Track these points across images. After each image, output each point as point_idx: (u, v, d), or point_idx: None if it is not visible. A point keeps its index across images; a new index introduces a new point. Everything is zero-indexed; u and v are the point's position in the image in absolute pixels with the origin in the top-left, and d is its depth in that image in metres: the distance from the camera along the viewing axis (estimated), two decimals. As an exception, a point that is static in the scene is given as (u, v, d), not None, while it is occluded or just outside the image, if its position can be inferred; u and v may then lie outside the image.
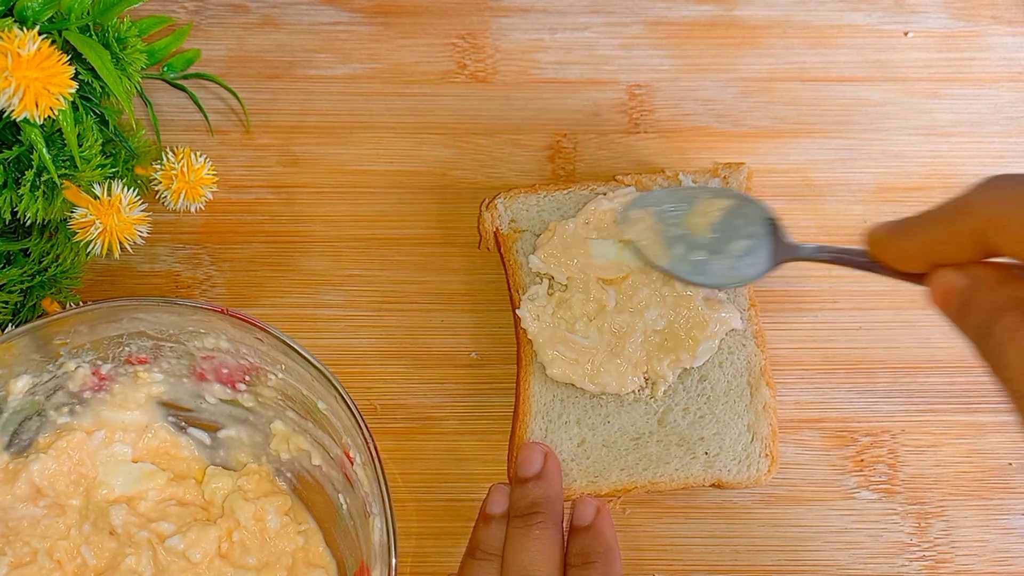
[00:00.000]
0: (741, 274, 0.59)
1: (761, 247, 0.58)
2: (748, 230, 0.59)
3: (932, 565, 0.61)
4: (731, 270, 0.58)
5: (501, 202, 0.65)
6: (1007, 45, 0.73)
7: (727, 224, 0.59)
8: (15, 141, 0.56)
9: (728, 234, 0.59)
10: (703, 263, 0.59)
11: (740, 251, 0.59)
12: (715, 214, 0.60)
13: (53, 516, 0.57)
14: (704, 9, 0.74)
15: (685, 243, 0.59)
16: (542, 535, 0.52)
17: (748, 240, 0.59)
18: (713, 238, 0.59)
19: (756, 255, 0.58)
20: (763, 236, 0.58)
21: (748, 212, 0.59)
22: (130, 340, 0.57)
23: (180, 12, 0.73)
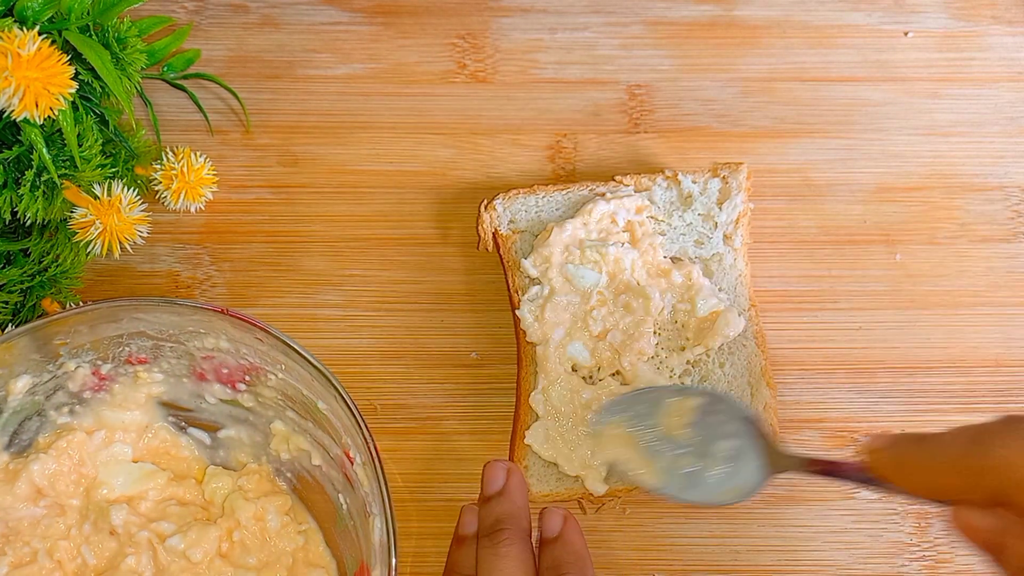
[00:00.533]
0: (737, 488, 0.54)
1: (748, 448, 0.54)
2: (729, 428, 0.55)
3: (932, 565, 0.61)
4: (726, 479, 0.54)
5: (500, 203, 0.65)
6: (1007, 45, 0.73)
7: (703, 424, 0.55)
8: (15, 141, 0.56)
9: (708, 433, 0.55)
10: (694, 475, 0.54)
11: (727, 454, 0.54)
12: (688, 414, 0.56)
13: (53, 516, 0.57)
14: (704, 9, 0.74)
15: (666, 453, 0.55)
16: (509, 551, 0.52)
17: (731, 440, 0.54)
18: (693, 440, 0.55)
19: (746, 459, 0.54)
20: (747, 436, 0.54)
21: (723, 409, 0.56)
22: (130, 340, 0.57)
23: (180, 12, 0.73)
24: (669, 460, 0.55)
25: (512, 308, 0.63)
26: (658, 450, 0.55)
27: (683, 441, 0.55)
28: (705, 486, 0.54)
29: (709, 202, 0.65)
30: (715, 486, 0.54)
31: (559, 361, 0.61)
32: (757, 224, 0.67)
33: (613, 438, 0.57)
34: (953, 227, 0.68)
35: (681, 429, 0.55)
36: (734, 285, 0.64)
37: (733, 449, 0.54)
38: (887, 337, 0.66)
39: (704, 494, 0.54)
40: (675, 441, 0.55)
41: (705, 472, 0.54)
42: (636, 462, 0.56)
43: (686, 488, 0.54)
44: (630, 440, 0.56)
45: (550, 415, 0.60)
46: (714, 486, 0.54)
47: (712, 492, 0.54)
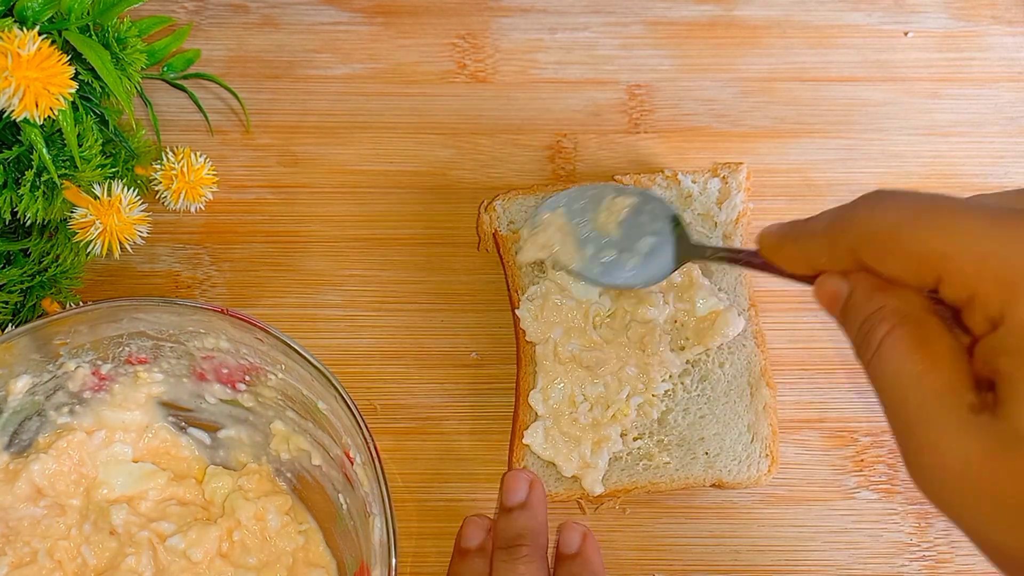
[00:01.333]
0: (648, 274, 0.59)
1: (666, 245, 0.59)
2: (653, 227, 0.60)
3: (932, 565, 0.61)
4: (639, 269, 0.59)
5: (500, 204, 0.65)
6: (1007, 45, 0.73)
7: (634, 222, 0.60)
8: (15, 141, 0.56)
9: (635, 232, 0.60)
10: (613, 263, 0.60)
11: (646, 248, 0.59)
12: (621, 212, 0.60)
13: (53, 516, 0.57)
14: (704, 9, 0.74)
15: (594, 243, 0.60)
16: (528, 569, 0.51)
17: (654, 237, 0.59)
18: (620, 236, 0.60)
19: (662, 253, 0.59)
20: (668, 234, 0.59)
21: (654, 209, 0.60)
22: (130, 340, 0.57)
23: (180, 12, 0.73)
24: (595, 249, 0.60)
25: (512, 308, 0.63)
26: (588, 240, 0.60)
27: (613, 235, 0.60)
28: (622, 272, 0.60)
29: (709, 202, 0.65)
30: (630, 273, 0.60)
31: (558, 360, 0.61)
32: (757, 224, 0.66)
33: (551, 225, 0.61)
34: (953, 227, 0.68)
35: (613, 225, 0.60)
36: (734, 285, 0.64)
37: (654, 244, 0.59)
38: (887, 337, 0.65)
39: (619, 279, 0.60)
40: (606, 234, 0.60)
41: (624, 263, 0.60)
42: (567, 249, 0.61)
43: (605, 274, 0.60)
44: (566, 229, 0.61)
45: (549, 414, 0.60)
46: (629, 273, 0.60)
47: (626, 277, 0.60)
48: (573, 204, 0.61)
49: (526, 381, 0.61)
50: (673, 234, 0.59)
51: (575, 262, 0.60)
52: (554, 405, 0.61)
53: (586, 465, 0.60)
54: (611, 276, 0.60)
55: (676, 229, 0.59)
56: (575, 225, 0.61)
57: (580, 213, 0.61)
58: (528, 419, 0.61)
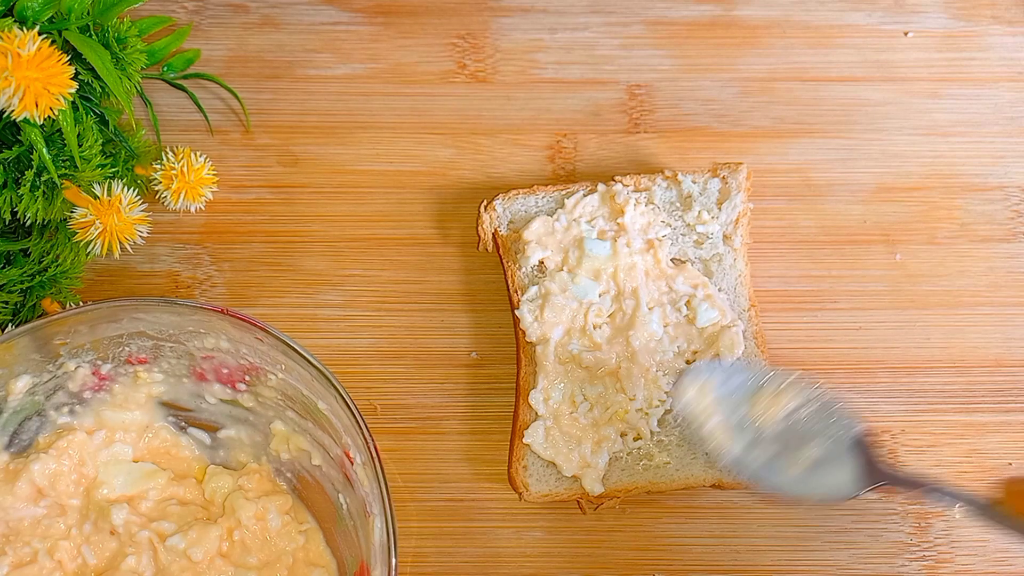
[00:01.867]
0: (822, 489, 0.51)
1: (841, 461, 0.51)
2: (826, 434, 0.52)
3: (932, 565, 0.61)
4: (803, 479, 0.52)
5: (500, 203, 0.65)
6: (1007, 45, 0.73)
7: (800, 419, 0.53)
8: (15, 141, 0.56)
9: (800, 433, 0.53)
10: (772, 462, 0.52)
11: (812, 459, 0.52)
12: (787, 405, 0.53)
13: (54, 516, 0.57)
14: (704, 9, 0.74)
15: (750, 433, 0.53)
16: None
17: (823, 448, 0.52)
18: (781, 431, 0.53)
19: (834, 468, 0.51)
20: (844, 449, 0.52)
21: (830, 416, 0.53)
22: (130, 340, 0.57)
23: (180, 12, 0.73)
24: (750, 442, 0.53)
25: (512, 308, 0.63)
26: (743, 425, 0.53)
27: (771, 431, 0.53)
28: (783, 475, 0.52)
29: (709, 202, 0.65)
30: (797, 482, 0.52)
31: (558, 360, 0.61)
32: (757, 224, 0.67)
33: (701, 400, 0.54)
34: (953, 227, 0.68)
35: (773, 419, 0.53)
36: (734, 285, 0.64)
37: (822, 458, 0.52)
38: (887, 337, 0.65)
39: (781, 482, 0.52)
40: (763, 428, 0.53)
41: (787, 467, 0.52)
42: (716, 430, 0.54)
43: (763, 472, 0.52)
44: (713, 405, 0.54)
45: (549, 414, 0.60)
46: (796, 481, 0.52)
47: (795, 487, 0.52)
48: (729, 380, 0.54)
49: (526, 381, 0.61)
50: (852, 451, 0.52)
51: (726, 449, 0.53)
52: (554, 405, 0.61)
53: (586, 465, 0.60)
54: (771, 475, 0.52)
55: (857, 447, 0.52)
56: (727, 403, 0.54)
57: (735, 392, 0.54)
58: (528, 419, 0.61)
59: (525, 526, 0.61)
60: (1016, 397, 0.64)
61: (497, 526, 0.61)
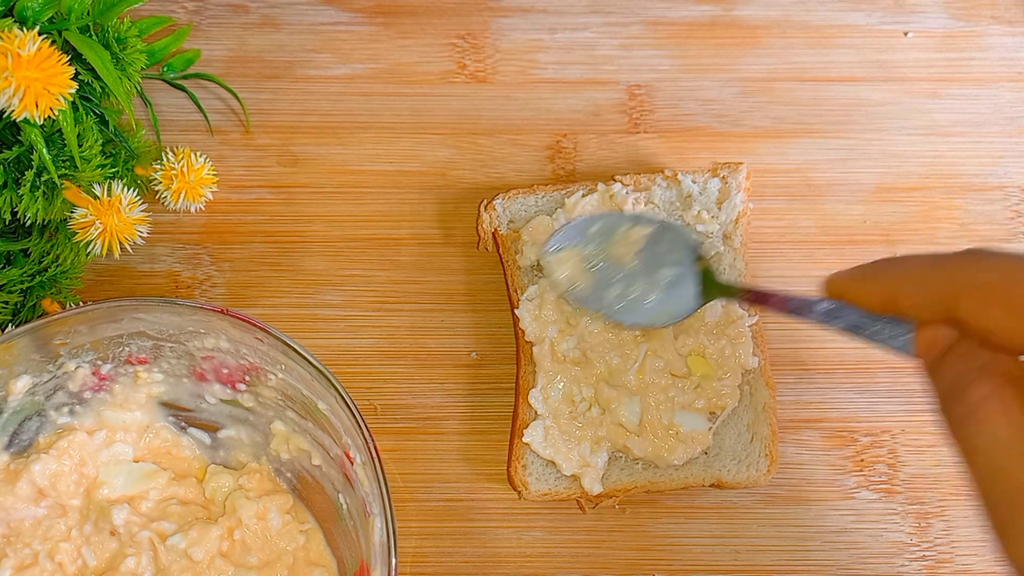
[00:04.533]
0: (671, 310, 0.57)
1: (687, 277, 0.57)
2: (673, 257, 0.58)
3: (932, 565, 0.61)
4: (660, 304, 0.57)
5: (500, 203, 0.65)
6: (1007, 45, 0.73)
7: (651, 252, 0.58)
8: (15, 141, 0.56)
9: (654, 263, 0.58)
10: (634, 299, 0.57)
11: (667, 280, 0.57)
12: (638, 242, 0.59)
13: (54, 516, 0.57)
14: (704, 9, 0.74)
15: (611, 277, 0.58)
16: None
17: (674, 268, 0.57)
18: (638, 268, 0.58)
19: (683, 286, 0.57)
20: (688, 265, 0.57)
21: (672, 239, 0.58)
22: (130, 340, 0.57)
23: (180, 12, 0.73)
24: (613, 285, 0.58)
25: (512, 308, 0.63)
26: (605, 275, 0.58)
27: (629, 268, 0.58)
28: (643, 310, 0.57)
29: (709, 202, 0.65)
30: (652, 310, 0.57)
31: (557, 359, 0.61)
32: (757, 224, 0.67)
33: (566, 261, 0.59)
34: (953, 227, 0.68)
35: (630, 256, 0.58)
36: (734, 285, 0.64)
37: (674, 276, 0.57)
38: (887, 337, 0.65)
39: (641, 317, 0.58)
40: (622, 267, 0.58)
41: (644, 298, 0.57)
42: (584, 285, 0.59)
43: (625, 312, 0.58)
44: (581, 264, 0.59)
45: (549, 413, 0.60)
46: (651, 310, 0.57)
47: (648, 315, 0.57)
48: (584, 235, 0.59)
49: (526, 380, 0.61)
50: (695, 267, 0.57)
51: (593, 301, 0.59)
52: (554, 404, 0.61)
53: (585, 464, 0.60)
54: (633, 314, 0.58)
55: (699, 263, 0.58)
56: (589, 258, 0.59)
57: (594, 242, 0.59)
58: (528, 418, 0.61)
59: (525, 526, 0.61)
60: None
61: (497, 526, 0.61)
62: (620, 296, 0.58)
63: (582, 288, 0.59)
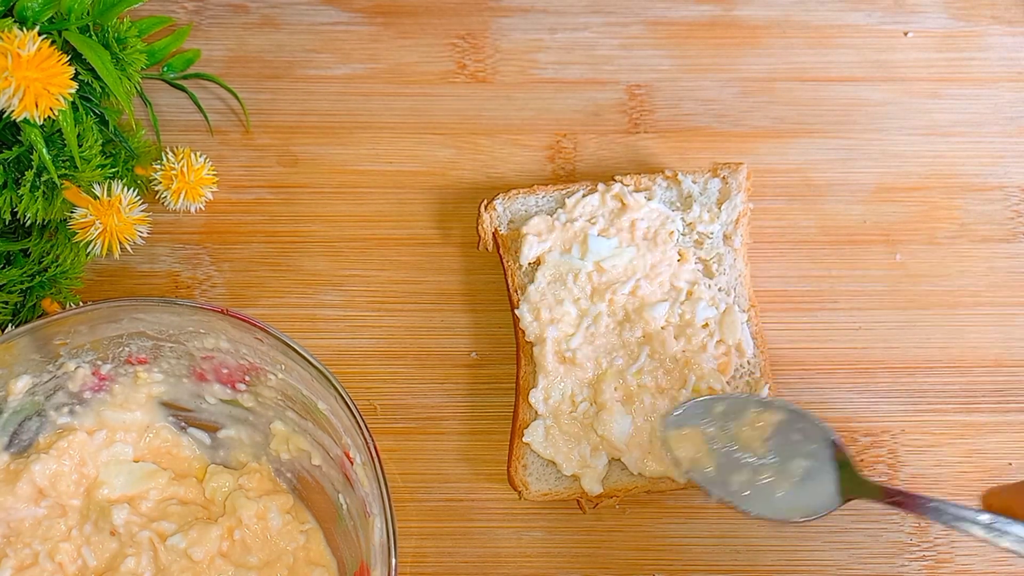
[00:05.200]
0: (807, 505, 0.53)
1: (824, 472, 0.53)
2: (807, 448, 0.54)
3: (932, 565, 0.61)
4: (794, 497, 0.53)
5: (500, 203, 0.65)
6: (1007, 45, 0.73)
7: (783, 440, 0.55)
8: (15, 141, 0.56)
9: (786, 452, 0.54)
10: (764, 487, 0.54)
11: (800, 473, 0.54)
12: (768, 428, 0.55)
13: (54, 516, 0.57)
14: (704, 9, 0.74)
15: (739, 463, 0.54)
16: None
17: (807, 460, 0.54)
18: (766, 454, 0.54)
19: (819, 481, 0.53)
20: (826, 459, 0.54)
21: (806, 429, 0.55)
22: (130, 340, 0.57)
23: (180, 12, 0.73)
24: (741, 470, 0.54)
25: (512, 308, 0.63)
26: (731, 459, 0.54)
27: (759, 454, 0.54)
28: (774, 501, 0.53)
29: (709, 202, 0.65)
30: (783, 502, 0.53)
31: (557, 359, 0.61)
32: (757, 224, 0.67)
33: (688, 439, 0.56)
34: (953, 227, 0.68)
35: (759, 443, 0.54)
36: (734, 285, 0.64)
37: (808, 468, 0.53)
38: (887, 337, 0.66)
39: (771, 509, 0.53)
40: (751, 453, 0.54)
41: (775, 488, 0.54)
42: (707, 467, 0.55)
43: (753, 501, 0.54)
44: (704, 444, 0.55)
45: (549, 413, 0.60)
46: (782, 501, 0.53)
47: (780, 508, 0.53)
48: (710, 412, 0.56)
49: (526, 380, 0.61)
50: (832, 461, 0.53)
51: (717, 486, 0.54)
52: (554, 404, 0.61)
53: (585, 465, 0.60)
54: (762, 505, 0.53)
55: (837, 455, 0.54)
56: (713, 438, 0.55)
57: (718, 423, 0.56)
58: (528, 418, 0.61)
59: (525, 526, 0.61)
60: (1016, 397, 0.64)
61: (497, 526, 0.61)
62: (747, 483, 0.54)
63: (707, 470, 0.55)
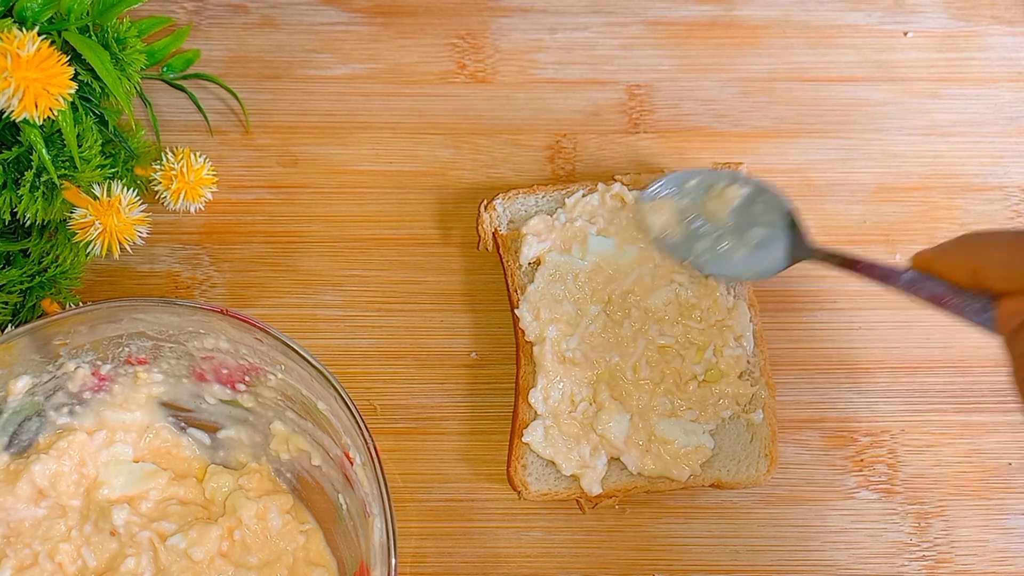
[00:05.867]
0: (757, 267, 0.60)
1: (778, 240, 0.60)
2: (766, 219, 0.60)
3: (932, 565, 0.61)
4: (748, 260, 0.60)
5: (500, 203, 0.65)
6: (1007, 45, 0.73)
7: (745, 211, 0.61)
8: (15, 141, 0.56)
9: (746, 221, 0.60)
10: (723, 252, 0.60)
11: (756, 240, 0.60)
12: (733, 200, 0.61)
13: (54, 517, 0.57)
14: (704, 9, 0.74)
15: (704, 231, 0.60)
16: None
17: (765, 229, 0.60)
18: (731, 224, 0.60)
19: (772, 248, 0.60)
20: (781, 228, 0.60)
21: (767, 201, 0.61)
22: (130, 340, 0.57)
23: (180, 12, 0.73)
24: (704, 239, 0.60)
25: (511, 308, 0.63)
26: (697, 228, 0.60)
27: (722, 224, 0.60)
28: (729, 264, 0.60)
29: (709, 202, 0.65)
30: (738, 264, 0.60)
31: (557, 359, 0.61)
32: (757, 224, 0.67)
33: (660, 209, 0.61)
34: (953, 227, 0.68)
35: (724, 213, 0.60)
36: (734, 284, 0.64)
37: (764, 236, 0.60)
38: (887, 337, 0.66)
39: (726, 269, 0.60)
40: (715, 223, 0.60)
41: (733, 253, 0.60)
42: (675, 235, 0.61)
43: (712, 263, 0.60)
44: (675, 215, 0.61)
45: (549, 413, 0.60)
46: (737, 264, 0.60)
47: (734, 269, 0.60)
48: (682, 187, 0.62)
49: (526, 380, 0.61)
50: (787, 230, 0.60)
51: (682, 251, 0.61)
52: (554, 404, 0.61)
53: (585, 464, 0.60)
54: (719, 266, 0.60)
55: (790, 225, 0.60)
56: (684, 210, 0.61)
57: (690, 196, 0.61)
58: (528, 418, 0.61)
59: (525, 526, 0.61)
60: (1016, 397, 0.64)
61: (497, 526, 0.61)
62: (709, 249, 0.60)
63: (673, 237, 0.61)
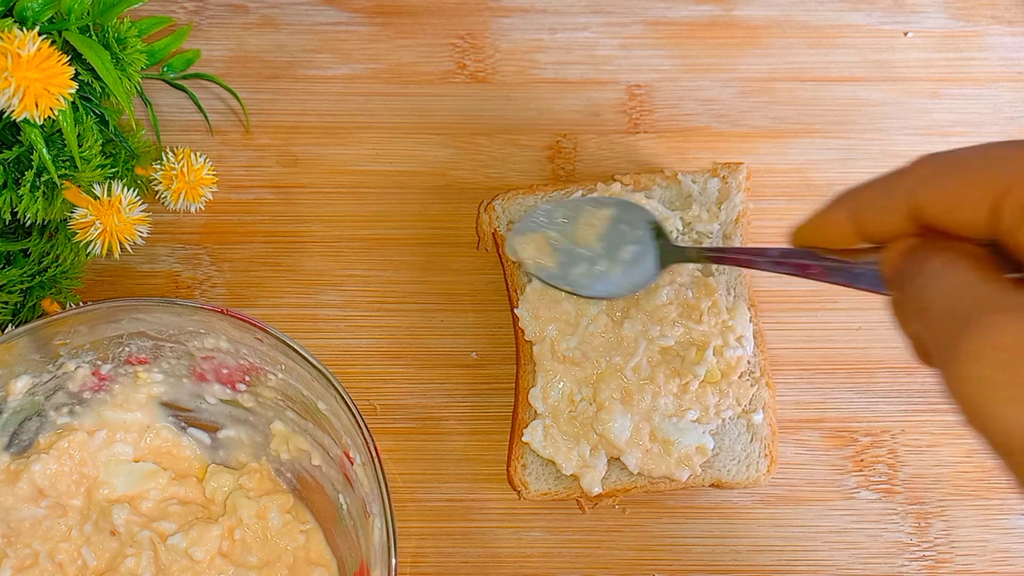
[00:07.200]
0: (633, 281, 0.60)
1: (648, 252, 0.60)
2: (634, 235, 0.61)
3: (932, 565, 0.61)
4: (623, 277, 0.60)
5: (499, 203, 0.65)
6: (1007, 45, 0.73)
7: (613, 232, 0.61)
8: (15, 141, 0.56)
9: (616, 241, 0.61)
10: (598, 275, 0.61)
11: (628, 257, 0.60)
12: (600, 224, 0.61)
13: (55, 516, 0.57)
14: (704, 9, 0.74)
15: (576, 257, 0.61)
16: None
17: (634, 245, 0.61)
18: (602, 247, 0.61)
19: (644, 260, 0.60)
20: (649, 240, 0.60)
21: (632, 218, 0.61)
22: (130, 340, 0.57)
23: (180, 12, 0.73)
24: (579, 264, 0.61)
25: (511, 307, 0.63)
26: (570, 256, 0.61)
27: (595, 248, 0.61)
28: (607, 283, 0.61)
29: (708, 201, 0.65)
30: (615, 283, 0.61)
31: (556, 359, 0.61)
32: (757, 224, 0.67)
33: (530, 243, 0.62)
34: (953, 227, 0.68)
35: (594, 238, 0.61)
36: (733, 285, 0.64)
37: (635, 252, 0.61)
38: (887, 337, 0.65)
39: (605, 289, 0.61)
40: (587, 248, 0.61)
41: (608, 274, 0.61)
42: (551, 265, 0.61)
43: (589, 286, 0.61)
44: (547, 246, 0.62)
45: (549, 413, 0.60)
46: (614, 283, 0.61)
47: (612, 288, 0.61)
48: (551, 219, 0.62)
49: (525, 380, 0.61)
50: (654, 240, 0.60)
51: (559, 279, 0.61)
52: (554, 403, 0.61)
53: (585, 464, 0.60)
54: (596, 288, 0.61)
55: (657, 235, 0.61)
56: (556, 241, 0.62)
57: (558, 227, 0.62)
58: (528, 417, 0.61)
59: (525, 526, 0.61)
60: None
61: (497, 526, 0.61)
62: (585, 274, 0.61)
63: (549, 267, 0.62)
